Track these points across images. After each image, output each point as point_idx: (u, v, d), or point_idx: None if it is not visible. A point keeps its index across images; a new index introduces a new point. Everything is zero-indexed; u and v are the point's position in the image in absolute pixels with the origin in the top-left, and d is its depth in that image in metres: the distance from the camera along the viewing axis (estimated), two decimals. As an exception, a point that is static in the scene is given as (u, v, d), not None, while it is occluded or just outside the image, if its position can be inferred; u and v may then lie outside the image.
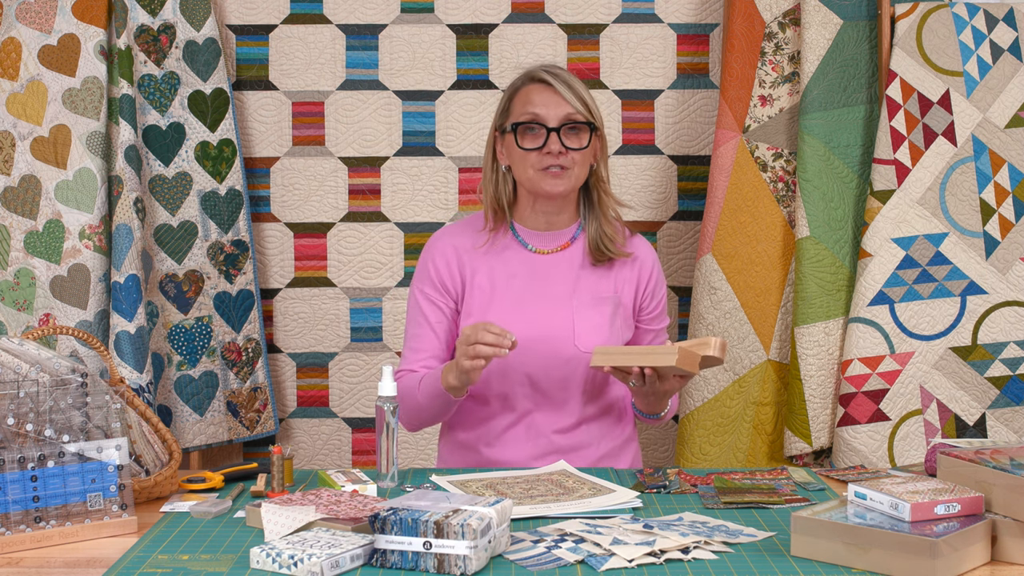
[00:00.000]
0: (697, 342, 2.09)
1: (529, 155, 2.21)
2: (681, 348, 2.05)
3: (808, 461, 2.93)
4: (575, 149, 2.21)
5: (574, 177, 2.23)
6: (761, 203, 2.96)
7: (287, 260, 3.17)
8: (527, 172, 2.23)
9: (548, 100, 2.22)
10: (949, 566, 1.57)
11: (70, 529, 1.79)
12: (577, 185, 2.26)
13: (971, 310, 2.85)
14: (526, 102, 2.24)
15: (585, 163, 2.25)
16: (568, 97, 2.21)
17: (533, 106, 2.22)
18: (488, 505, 1.66)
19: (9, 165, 2.89)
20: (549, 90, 2.23)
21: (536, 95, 2.23)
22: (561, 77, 2.24)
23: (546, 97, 2.22)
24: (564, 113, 2.21)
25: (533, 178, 2.23)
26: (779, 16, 2.98)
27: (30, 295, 2.88)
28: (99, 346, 2.05)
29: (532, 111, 2.22)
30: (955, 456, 1.75)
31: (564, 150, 2.20)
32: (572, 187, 2.25)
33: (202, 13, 3.03)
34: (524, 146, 2.22)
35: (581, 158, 2.23)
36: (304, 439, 3.19)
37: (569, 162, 2.21)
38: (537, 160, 2.21)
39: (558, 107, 2.21)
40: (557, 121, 2.20)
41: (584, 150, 2.22)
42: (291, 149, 3.16)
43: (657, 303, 2.36)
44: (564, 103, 2.21)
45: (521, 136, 2.22)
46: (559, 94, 2.22)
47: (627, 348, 2.14)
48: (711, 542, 1.72)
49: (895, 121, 2.85)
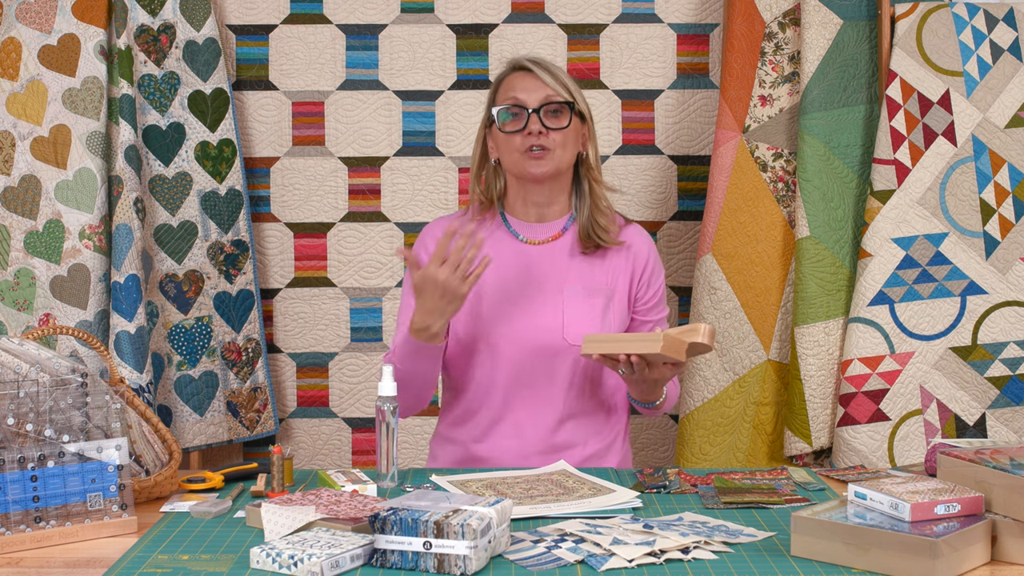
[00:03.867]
0: (685, 329, 2.09)
1: (512, 138, 2.26)
2: (667, 335, 2.04)
3: (808, 461, 2.93)
4: (555, 129, 2.25)
5: (556, 159, 2.26)
6: (761, 203, 2.96)
7: (287, 260, 3.17)
8: (512, 156, 2.27)
9: (528, 85, 2.28)
10: (949, 566, 1.57)
11: (70, 529, 1.79)
12: (561, 167, 2.28)
13: (971, 310, 2.85)
14: (509, 88, 2.30)
15: (568, 145, 2.27)
16: (547, 79, 2.28)
17: (514, 91, 2.28)
18: (488, 505, 1.66)
19: (9, 165, 2.89)
20: (530, 75, 2.29)
21: (517, 81, 2.30)
22: (542, 64, 2.31)
23: (527, 82, 2.29)
24: (543, 95, 2.27)
25: (518, 161, 2.26)
26: (779, 16, 2.98)
27: (30, 295, 2.88)
28: (99, 346, 2.05)
29: (513, 95, 2.28)
30: (955, 456, 1.75)
31: (544, 130, 2.24)
32: (556, 168, 2.26)
33: (202, 13, 3.03)
34: (506, 129, 2.26)
35: (562, 139, 2.26)
36: (304, 439, 3.19)
37: (551, 143, 2.24)
38: (520, 142, 2.25)
39: (538, 90, 2.27)
40: (537, 103, 2.26)
41: (565, 130, 2.26)
42: (291, 149, 3.16)
43: (654, 293, 2.36)
44: (544, 86, 2.27)
45: (503, 121, 2.27)
46: (539, 78, 2.28)
47: (615, 336, 2.14)
48: (711, 542, 1.73)
49: (895, 121, 2.85)
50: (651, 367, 2.13)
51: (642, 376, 2.13)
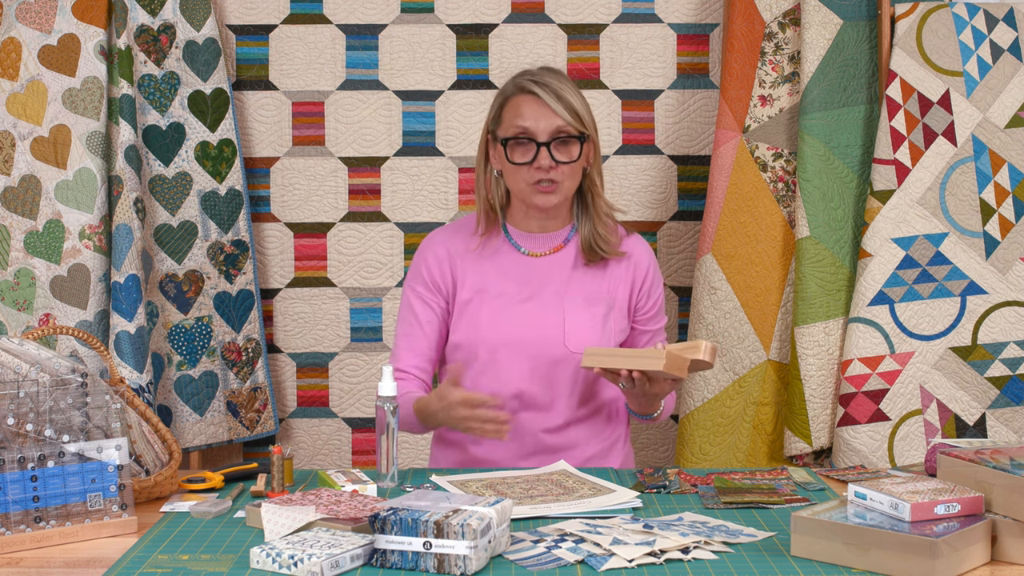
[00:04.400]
0: (687, 345, 2.09)
1: (520, 169, 2.21)
2: (669, 352, 2.04)
3: (808, 461, 2.93)
4: (565, 163, 2.20)
5: (565, 190, 2.23)
6: (761, 203, 2.96)
7: (287, 260, 3.17)
8: (519, 185, 2.24)
9: (537, 113, 2.20)
10: (949, 566, 1.57)
11: (70, 529, 1.79)
12: (567, 197, 2.26)
13: (971, 310, 2.85)
14: (516, 115, 2.21)
15: (576, 174, 2.24)
16: (557, 109, 2.19)
17: (523, 119, 2.20)
18: (488, 505, 1.66)
19: (9, 165, 2.89)
20: (538, 102, 2.20)
21: (525, 107, 2.21)
22: (551, 87, 2.20)
23: (535, 110, 2.20)
24: (554, 126, 2.19)
25: (524, 191, 2.23)
26: (779, 16, 2.98)
27: (30, 295, 2.88)
28: (99, 346, 2.05)
29: (522, 125, 2.20)
30: (955, 456, 1.75)
31: (554, 164, 2.19)
32: (563, 199, 2.25)
33: (202, 13, 3.03)
34: (515, 160, 2.21)
35: (571, 171, 2.22)
36: (304, 439, 3.19)
37: (559, 176, 2.20)
38: (528, 175, 2.21)
39: (548, 120, 2.19)
40: (547, 135, 2.19)
41: (574, 163, 2.22)
42: (291, 149, 3.16)
43: (653, 303, 2.36)
44: (553, 115, 2.19)
45: (511, 150, 2.21)
46: (548, 106, 2.19)
47: (616, 350, 2.13)
48: (711, 542, 1.73)
49: (895, 121, 2.85)
50: (652, 382, 2.13)
51: (642, 390, 2.13)
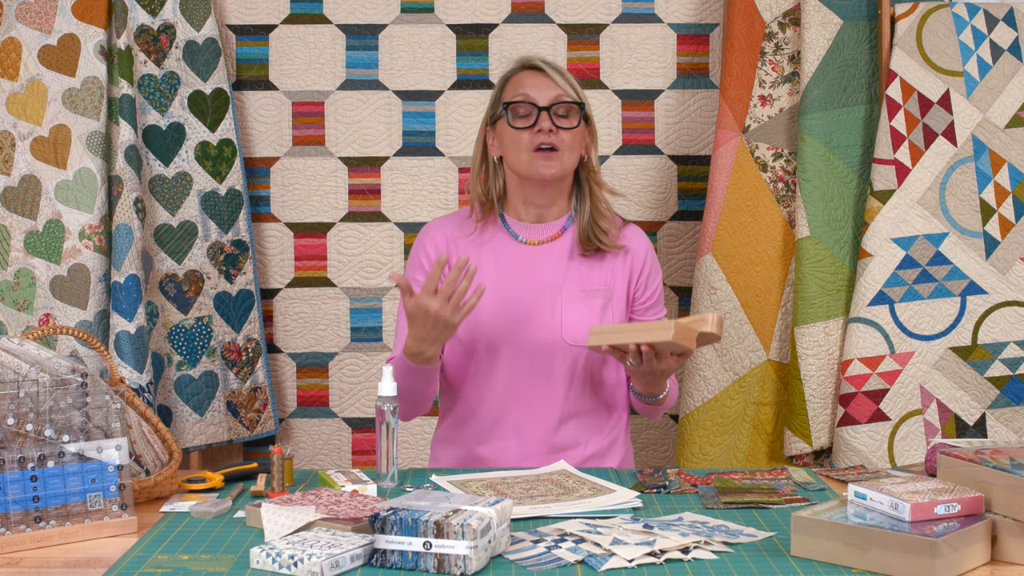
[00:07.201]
0: (694, 318, 2.09)
1: (521, 135, 2.25)
2: (677, 323, 2.04)
3: (808, 461, 2.93)
4: (565, 129, 2.25)
5: (564, 160, 2.26)
6: (761, 203, 2.96)
7: (287, 260, 3.17)
8: (520, 156, 2.26)
9: (539, 83, 2.29)
10: (949, 566, 1.57)
11: (70, 529, 1.79)
12: (567, 170, 2.28)
13: (971, 310, 2.85)
14: (518, 86, 2.31)
15: (574, 147, 2.28)
16: (558, 80, 2.29)
17: (524, 88, 2.29)
18: (488, 505, 1.66)
19: (9, 165, 2.89)
20: (540, 75, 2.30)
21: (527, 79, 2.30)
22: (552, 65, 2.32)
23: (537, 80, 2.29)
24: (554, 94, 2.27)
25: (525, 161, 2.25)
26: (779, 16, 2.98)
27: (30, 295, 2.88)
28: (99, 346, 2.05)
29: (523, 92, 2.28)
30: (955, 456, 1.75)
31: (555, 128, 2.25)
32: (563, 170, 2.27)
33: (202, 13, 3.03)
34: (516, 125, 2.26)
35: (571, 140, 2.26)
36: (304, 439, 3.19)
37: (560, 142, 2.25)
38: (529, 140, 2.25)
39: (548, 89, 2.28)
40: (548, 101, 2.27)
41: (574, 130, 2.26)
42: (291, 149, 3.16)
43: (652, 293, 2.36)
44: (554, 85, 2.28)
45: (513, 116, 2.27)
46: (550, 78, 2.29)
47: (622, 326, 2.13)
48: (711, 542, 1.73)
49: (895, 121, 2.85)
50: (659, 357, 2.13)
51: (650, 367, 2.13)
